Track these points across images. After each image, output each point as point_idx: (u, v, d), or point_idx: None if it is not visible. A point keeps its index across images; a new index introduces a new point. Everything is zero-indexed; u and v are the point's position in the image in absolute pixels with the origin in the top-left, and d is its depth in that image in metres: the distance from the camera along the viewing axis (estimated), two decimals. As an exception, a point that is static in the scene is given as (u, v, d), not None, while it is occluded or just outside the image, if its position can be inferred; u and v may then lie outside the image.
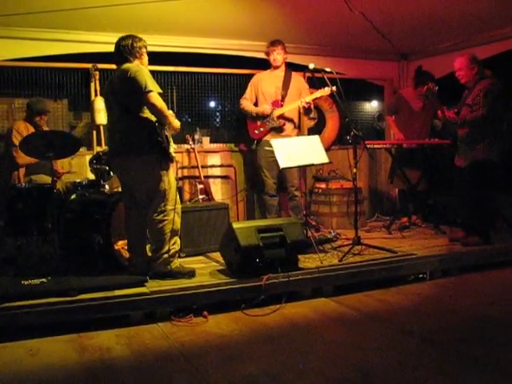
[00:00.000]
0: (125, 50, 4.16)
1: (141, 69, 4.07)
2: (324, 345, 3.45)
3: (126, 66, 4.10)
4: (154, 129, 4.06)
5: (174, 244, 4.30)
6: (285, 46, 5.80)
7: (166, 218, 4.21)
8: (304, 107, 5.68)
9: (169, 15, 5.45)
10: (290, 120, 5.81)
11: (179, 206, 4.36)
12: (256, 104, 5.92)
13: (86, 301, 3.77)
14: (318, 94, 5.58)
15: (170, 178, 4.25)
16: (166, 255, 4.25)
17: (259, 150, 5.85)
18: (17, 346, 3.46)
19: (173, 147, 4.24)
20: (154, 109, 4.02)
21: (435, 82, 5.60)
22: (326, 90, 5.42)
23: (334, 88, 5.25)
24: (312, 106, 5.82)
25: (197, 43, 6.38)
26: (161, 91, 4.08)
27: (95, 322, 3.76)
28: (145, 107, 4.07)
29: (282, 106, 5.77)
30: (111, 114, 4.32)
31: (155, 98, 3.98)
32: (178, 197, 4.37)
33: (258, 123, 5.83)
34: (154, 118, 4.10)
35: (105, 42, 5.66)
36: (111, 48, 4.27)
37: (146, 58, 4.31)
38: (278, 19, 5.86)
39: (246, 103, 5.93)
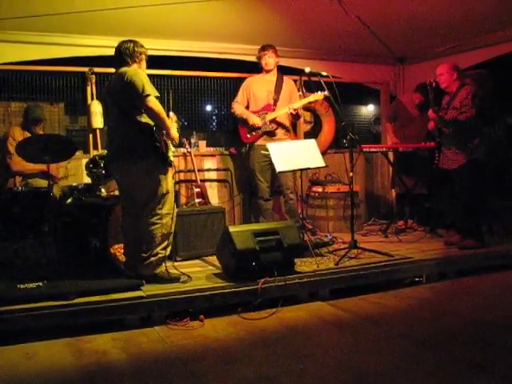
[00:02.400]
0: (125, 53, 4.17)
1: (138, 72, 4.07)
2: (321, 348, 3.45)
3: (124, 69, 4.10)
4: (152, 133, 4.06)
5: (163, 249, 4.26)
6: (276, 50, 5.79)
7: (158, 221, 4.19)
8: (292, 114, 5.69)
9: (165, 19, 5.46)
10: (282, 124, 5.79)
11: (175, 211, 4.36)
12: (247, 107, 5.90)
13: (83, 304, 3.76)
14: (306, 100, 5.66)
15: (169, 182, 4.25)
16: (152, 258, 4.21)
17: (252, 154, 5.82)
18: (13, 350, 3.44)
19: (172, 151, 4.24)
20: (151, 113, 4.02)
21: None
22: (316, 96, 5.49)
23: (320, 93, 5.37)
24: (300, 113, 5.85)
25: (193, 47, 6.38)
26: (158, 95, 4.08)
27: (92, 326, 3.75)
28: (143, 111, 4.08)
29: (274, 110, 5.76)
30: (109, 117, 4.32)
31: (153, 102, 3.98)
32: (174, 202, 4.37)
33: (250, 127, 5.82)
34: (152, 122, 4.10)
35: (101, 46, 5.67)
36: (108, 51, 4.28)
37: (144, 65, 4.31)
38: (275, 23, 5.88)
39: (238, 107, 5.89)
